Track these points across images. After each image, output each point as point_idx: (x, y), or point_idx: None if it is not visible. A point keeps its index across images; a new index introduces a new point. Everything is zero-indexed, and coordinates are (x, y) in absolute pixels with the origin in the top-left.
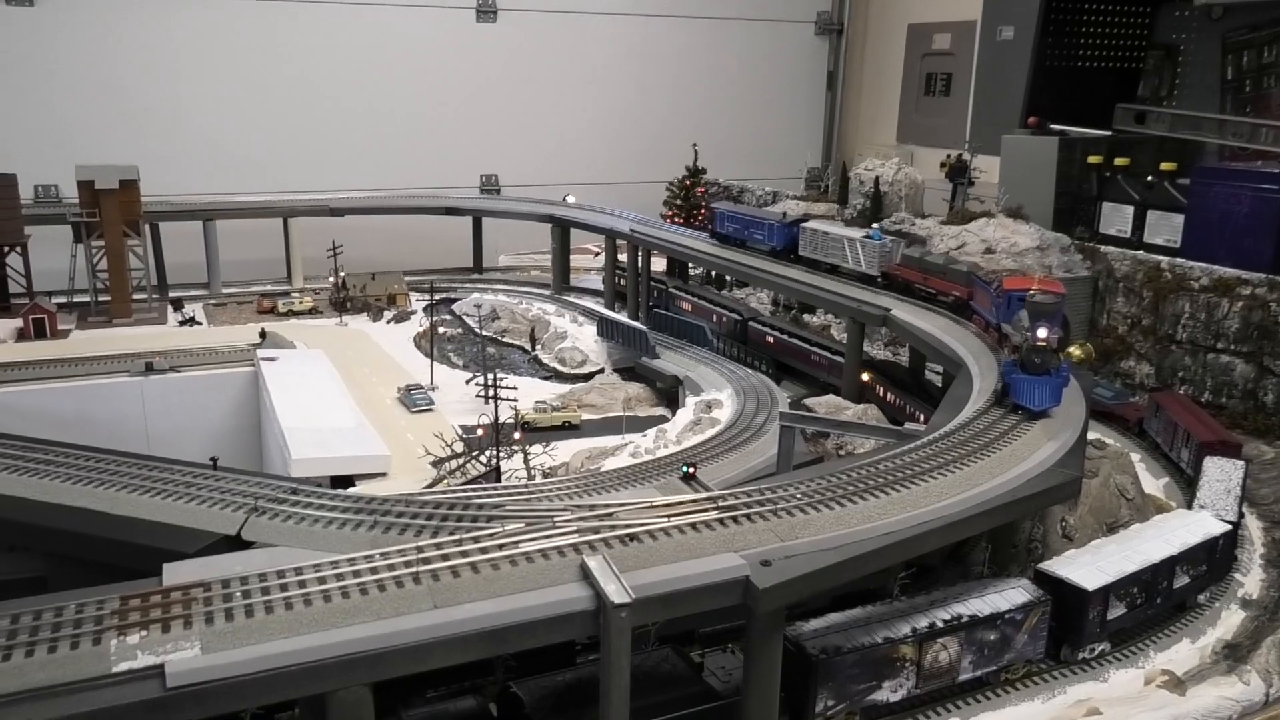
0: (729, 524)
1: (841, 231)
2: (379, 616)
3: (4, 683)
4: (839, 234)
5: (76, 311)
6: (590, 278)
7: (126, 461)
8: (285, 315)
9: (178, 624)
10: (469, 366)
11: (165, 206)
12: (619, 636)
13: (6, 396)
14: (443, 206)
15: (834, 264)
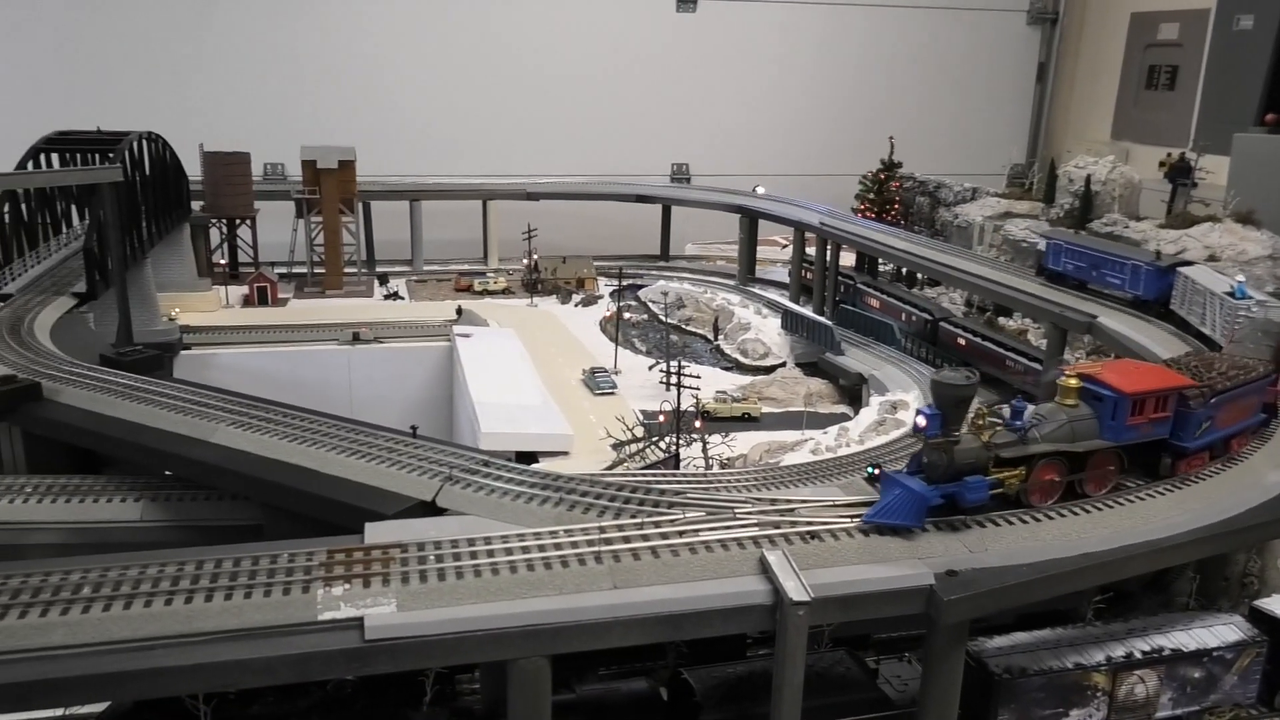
0: (915, 530)
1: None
2: (561, 591)
3: (225, 620)
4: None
5: (295, 282)
6: (776, 270)
7: (335, 424)
8: (480, 294)
9: (377, 580)
10: (652, 353)
11: (377, 186)
12: (795, 634)
13: (232, 358)
14: (634, 194)
15: None
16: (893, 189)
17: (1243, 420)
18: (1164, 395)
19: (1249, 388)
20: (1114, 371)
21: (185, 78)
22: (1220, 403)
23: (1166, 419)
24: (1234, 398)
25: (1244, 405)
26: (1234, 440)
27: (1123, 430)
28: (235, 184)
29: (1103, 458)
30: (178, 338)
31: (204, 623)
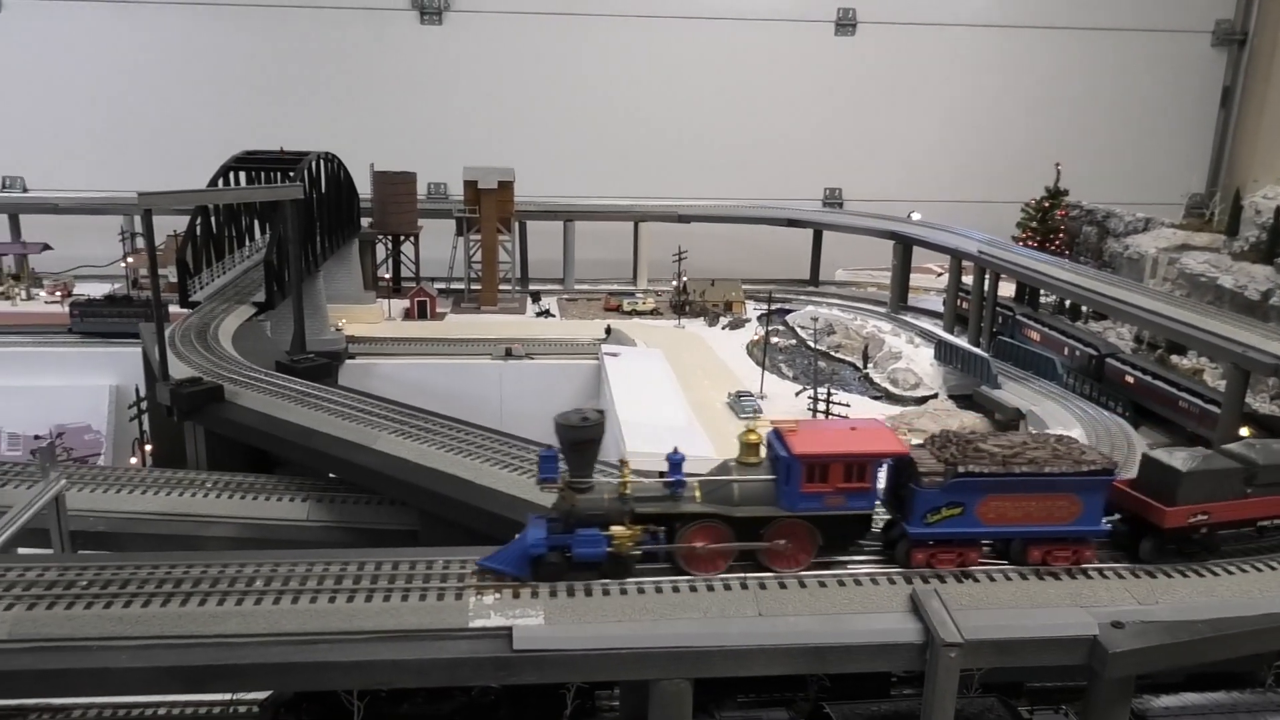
0: (1078, 576)
1: None
2: (706, 614)
3: (383, 620)
4: None
5: (453, 297)
6: (930, 298)
7: (488, 436)
8: (629, 314)
9: (526, 592)
10: (799, 379)
11: (533, 206)
12: (946, 676)
13: (392, 368)
14: (785, 218)
15: None
16: (1058, 217)
17: (1051, 523)
18: (857, 462)
19: (1059, 480)
20: (810, 429)
21: (359, 101)
22: (981, 488)
23: (865, 490)
24: (1020, 488)
25: (1050, 503)
26: (1039, 547)
27: (797, 498)
28: (401, 202)
29: (788, 529)
30: (344, 347)
31: (364, 621)
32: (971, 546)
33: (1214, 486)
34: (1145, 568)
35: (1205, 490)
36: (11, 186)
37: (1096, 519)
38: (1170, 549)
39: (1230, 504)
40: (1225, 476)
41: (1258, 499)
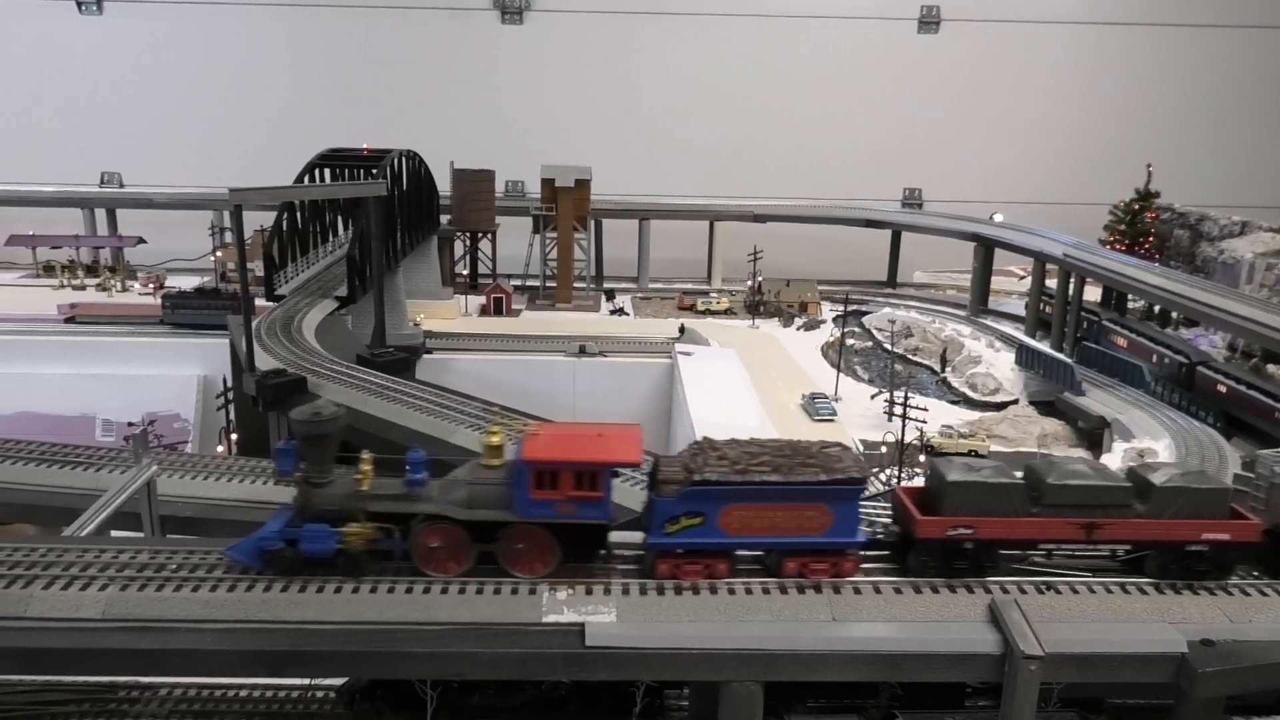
0: (1166, 591)
1: None
2: (778, 618)
3: (458, 613)
4: None
5: (528, 294)
6: (1011, 302)
7: None
8: (702, 313)
9: (599, 588)
10: (875, 381)
11: (609, 205)
12: (1025, 690)
13: (468, 363)
14: (863, 218)
15: None
16: (1148, 220)
17: (802, 533)
18: (587, 471)
19: (803, 490)
20: (553, 434)
21: (440, 99)
22: (720, 497)
23: (598, 500)
24: (762, 498)
25: (799, 513)
26: (794, 559)
27: (527, 504)
28: (480, 200)
29: (524, 534)
30: (422, 342)
31: (439, 613)
32: (720, 558)
33: (987, 501)
34: (1239, 584)
35: (975, 504)
36: (109, 182)
37: (851, 530)
38: (930, 563)
39: (1004, 521)
40: (1001, 492)
41: (1040, 520)
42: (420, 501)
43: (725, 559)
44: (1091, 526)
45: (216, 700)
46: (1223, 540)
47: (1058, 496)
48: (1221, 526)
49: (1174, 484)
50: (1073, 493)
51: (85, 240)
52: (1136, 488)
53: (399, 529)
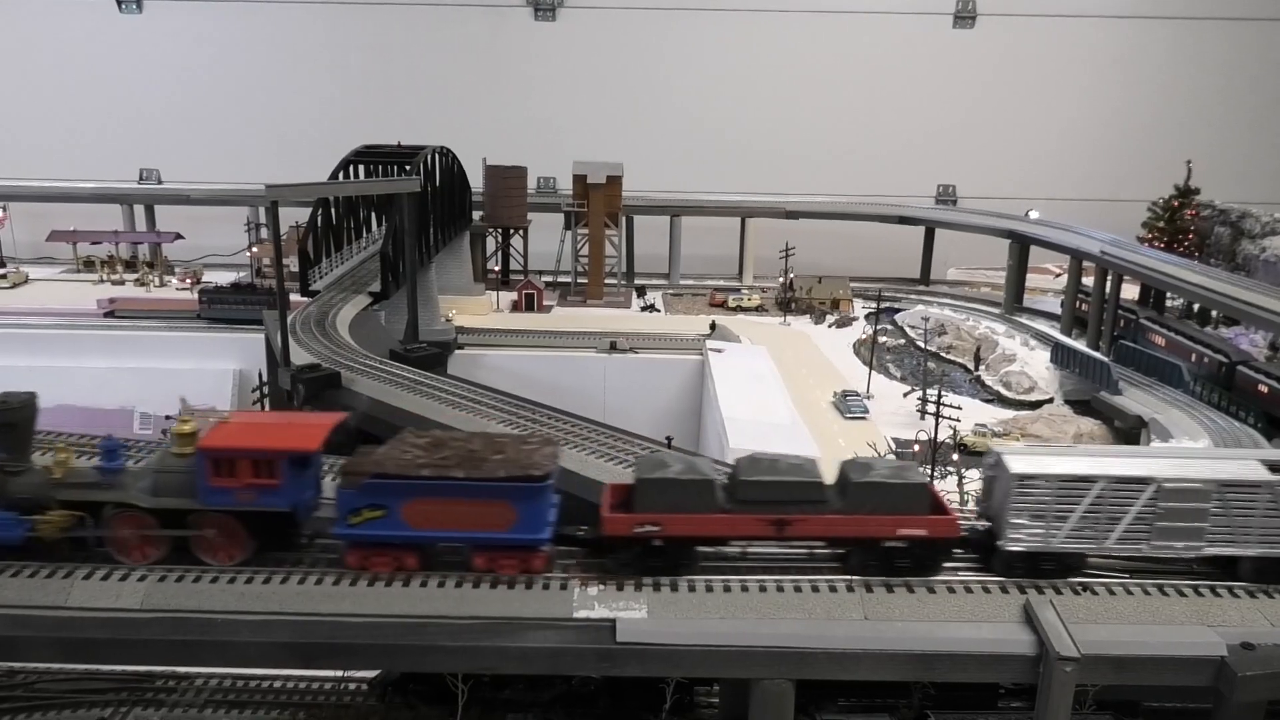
0: (1205, 593)
1: None
2: (810, 616)
3: (490, 607)
4: None
5: (559, 290)
6: (1046, 299)
7: (593, 429)
8: (734, 310)
9: (630, 585)
10: (907, 379)
11: (640, 201)
12: (1060, 691)
13: (499, 359)
14: (896, 215)
15: None
16: (1187, 217)
17: (486, 529)
18: (264, 459)
19: (485, 487)
20: (240, 422)
21: (473, 95)
22: (401, 491)
23: (276, 487)
24: (444, 493)
25: (483, 509)
26: (482, 554)
27: (209, 492)
28: (512, 196)
29: (213, 521)
30: (454, 337)
31: (472, 607)
32: (409, 550)
33: (676, 498)
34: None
35: (665, 501)
36: (148, 179)
37: (537, 527)
38: (625, 560)
39: (694, 518)
40: (691, 488)
41: (731, 517)
42: (110, 490)
43: (415, 552)
44: (783, 523)
45: (251, 691)
46: (920, 536)
47: (749, 493)
48: (919, 523)
49: (870, 480)
50: (764, 489)
51: (124, 236)
52: (837, 484)
53: (92, 517)
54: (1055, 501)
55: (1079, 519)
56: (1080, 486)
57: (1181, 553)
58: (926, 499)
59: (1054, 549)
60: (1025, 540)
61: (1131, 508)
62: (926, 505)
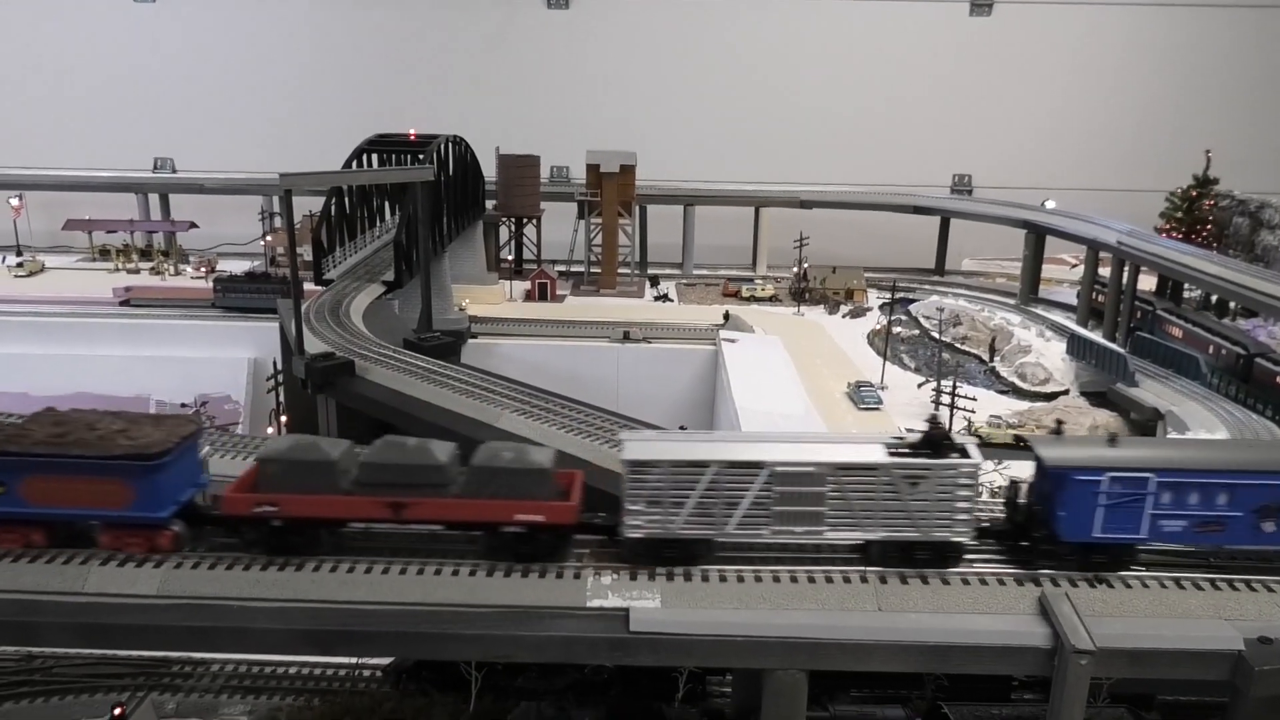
0: (1222, 587)
1: None
2: (823, 607)
3: (504, 595)
4: None
5: (572, 279)
6: (1062, 290)
7: (606, 418)
8: (747, 300)
9: (643, 574)
10: (921, 370)
11: (653, 190)
12: (1075, 684)
13: (513, 348)
14: (911, 205)
15: None
16: (1205, 208)
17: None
18: None
19: (98, 464)
20: None
21: (486, 84)
22: (20, 468)
23: None
24: (60, 470)
25: (99, 487)
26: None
27: None
28: (525, 185)
29: None
30: (467, 327)
31: (485, 595)
32: (34, 527)
33: (297, 479)
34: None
35: (285, 481)
36: (162, 168)
37: (156, 505)
38: (250, 539)
39: (312, 499)
40: (310, 470)
41: (348, 498)
42: None
43: (40, 529)
44: (400, 505)
45: (266, 677)
46: (538, 522)
47: (367, 475)
48: (536, 508)
49: (490, 464)
50: (381, 472)
51: (139, 225)
52: (464, 469)
53: None
54: (670, 488)
55: (696, 505)
56: (693, 472)
57: (802, 538)
58: (552, 484)
59: (675, 535)
60: (644, 527)
61: (748, 493)
62: (552, 491)
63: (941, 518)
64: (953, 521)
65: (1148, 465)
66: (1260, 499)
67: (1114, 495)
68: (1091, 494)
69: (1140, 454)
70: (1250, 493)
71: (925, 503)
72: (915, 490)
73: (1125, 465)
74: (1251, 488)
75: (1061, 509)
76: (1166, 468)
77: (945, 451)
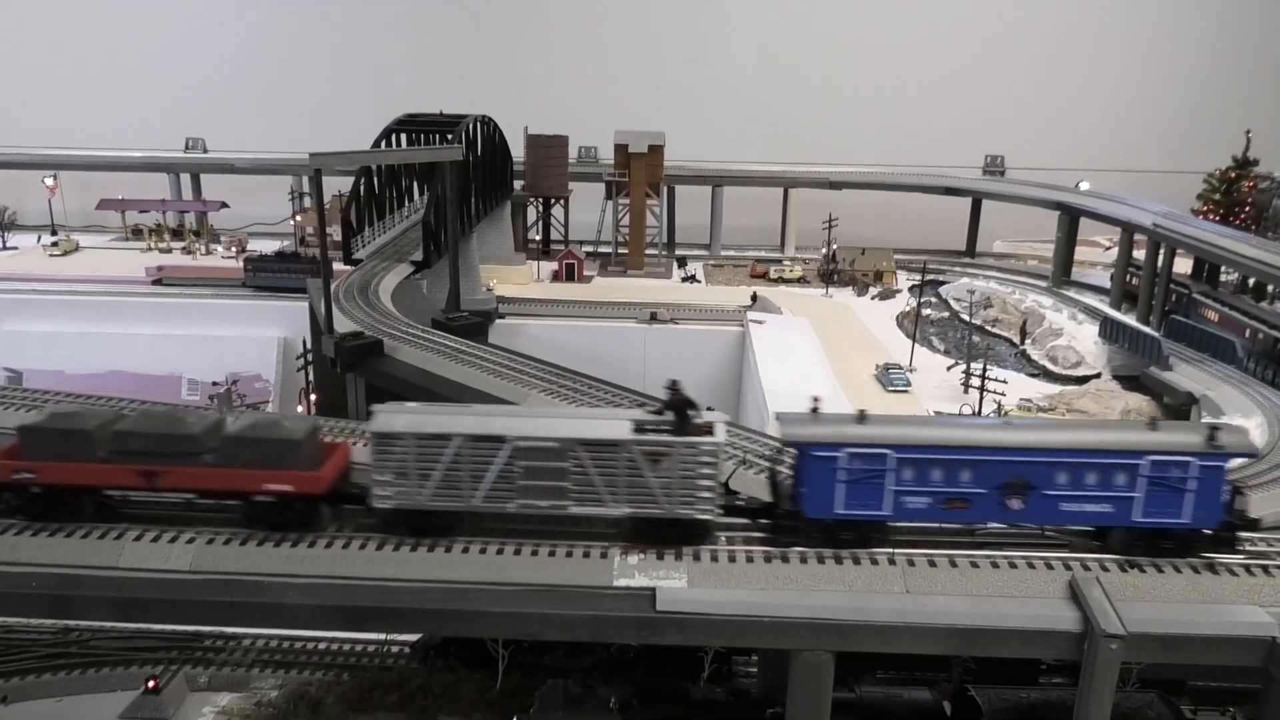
0: (1256, 573)
1: None
2: (850, 588)
3: (532, 574)
4: None
5: (600, 260)
6: (1095, 273)
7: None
8: (775, 282)
9: (670, 554)
10: (951, 353)
11: (682, 171)
12: (1105, 669)
13: (540, 328)
14: (942, 186)
15: None
16: (1245, 189)
17: None
18: None
19: None
20: None
21: (515, 64)
22: None
23: None
24: None
25: None
26: None
27: None
28: (553, 165)
29: None
30: (495, 307)
31: (514, 573)
32: None
33: (57, 446)
34: None
35: (46, 449)
36: (194, 148)
37: None
38: (14, 505)
39: (68, 466)
40: (67, 437)
41: (103, 466)
42: None
43: None
44: (152, 474)
45: (296, 652)
46: (287, 491)
47: (122, 444)
48: (285, 478)
49: (241, 434)
50: (134, 440)
51: (171, 204)
52: (220, 439)
53: None
54: (416, 460)
55: (442, 477)
56: (438, 445)
57: (549, 511)
58: (308, 455)
59: (423, 507)
60: (393, 498)
61: (492, 466)
62: (307, 461)
63: (685, 495)
64: (696, 499)
65: (886, 442)
66: (1003, 476)
67: (854, 472)
68: (830, 470)
69: (879, 430)
70: (993, 470)
71: (668, 480)
72: (658, 468)
73: (863, 441)
74: (994, 464)
75: (804, 485)
76: (904, 444)
77: (691, 422)
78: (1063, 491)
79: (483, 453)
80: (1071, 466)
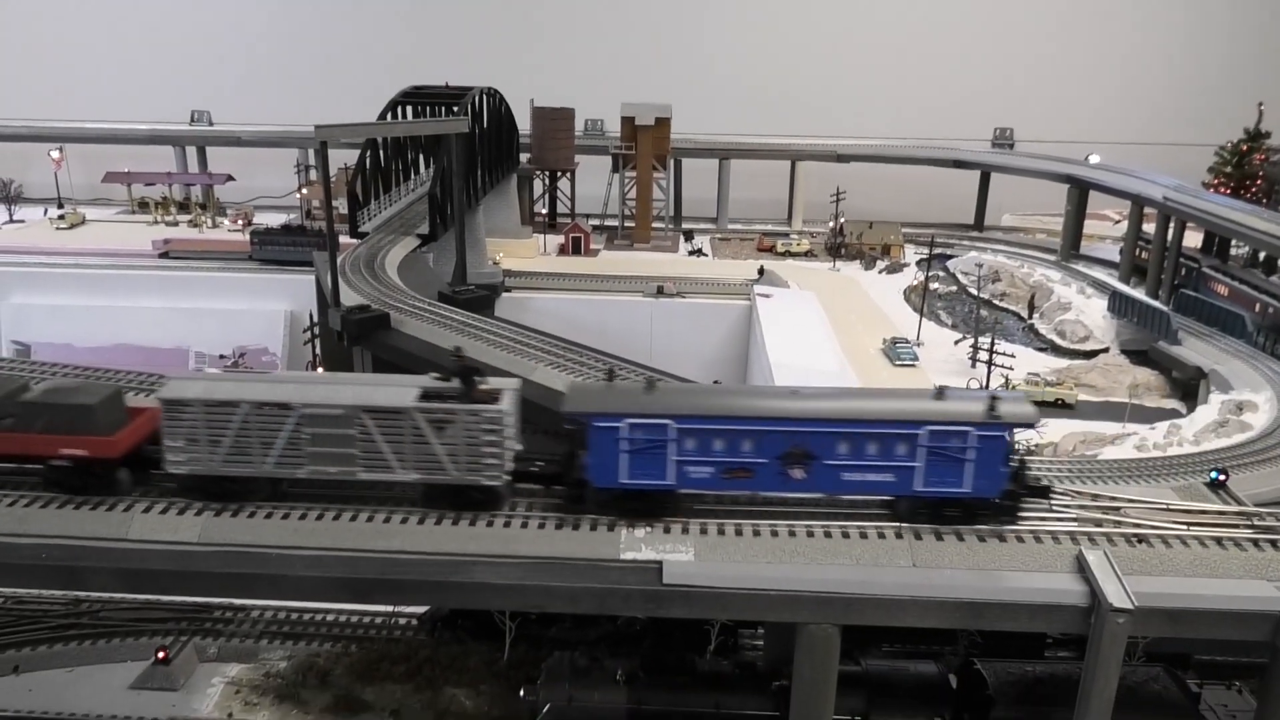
0: (1264, 547)
1: None
2: (857, 562)
3: (538, 546)
4: None
5: (606, 233)
6: (1104, 246)
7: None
8: (782, 255)
9: (676, 527)
10: (958, 327)
11: (689, 144)
12: (1111, 643)
13: (546, 302)
14: (951, 159)
15: None
16: (1256, 162)
17: None
18: None
19: None
20: None
21: (520, 35)
22: None
23: None
24: None
25: None
26: None
27: None
28: (559, 138)
29: None
30: (501, 280)
31: (520, 546)
32: None
33: None
34: None
35: None
36: (199, 121)
37: None
38: None
39: None
40: None
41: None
42: None
43: None
44: None
45: (304, 624)
46: (81, 456)
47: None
48: (79, 443)
49: (39, 400)
50: None
51: (177, 177)
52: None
53: None
54: (206, 426)
55: (232, 443)
56: (225, 411)
57: (338, 477)
58: (109, 420)
59: (217, 472)
60: (186, 464)
61: (281, 433)
62: (106, 427)
63: (471, 462)
64: (482, 466)
65: (666, 412)
66: (784, 445)
67: (636, 442)
68: (613, 440)
69: (659, 400)
70: (773, 439)
71: (454, 446)
72: (443, 434)
73: (644, 412)
74: (774, 434)
75: (590, 455)
76: (684, 414)
77: (476, 389)
78: (844, 461)
79: (271, 420)
80: (851, 436)
